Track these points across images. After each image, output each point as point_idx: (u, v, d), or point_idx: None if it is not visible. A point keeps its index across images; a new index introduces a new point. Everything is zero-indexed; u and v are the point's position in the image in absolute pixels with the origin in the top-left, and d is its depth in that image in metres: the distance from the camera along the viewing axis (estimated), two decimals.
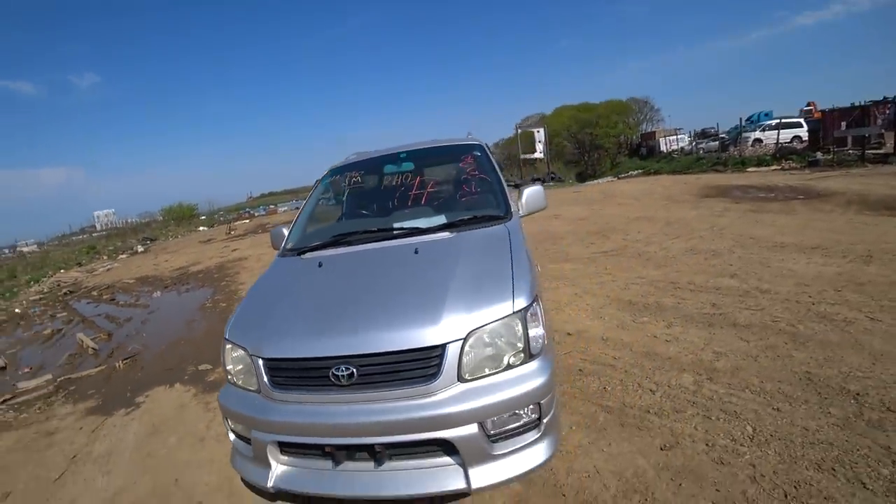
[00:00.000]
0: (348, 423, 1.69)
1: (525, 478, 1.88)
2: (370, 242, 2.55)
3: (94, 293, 9.63)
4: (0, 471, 2.97)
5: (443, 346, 1.68)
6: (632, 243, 6.61)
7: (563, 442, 2.29)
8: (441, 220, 2.58)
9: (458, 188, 2.91)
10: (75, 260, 17.39)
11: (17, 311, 8.95)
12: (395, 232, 2.59)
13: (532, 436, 1.74)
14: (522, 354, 1.76)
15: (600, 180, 21.81)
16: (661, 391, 2.66)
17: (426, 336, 1.69)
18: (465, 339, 1.70)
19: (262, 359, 1.88)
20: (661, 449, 2.15)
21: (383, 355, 1.71)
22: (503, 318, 1.75)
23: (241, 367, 2.00)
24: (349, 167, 3.44)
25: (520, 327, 1.76)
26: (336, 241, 2.67)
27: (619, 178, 20.71)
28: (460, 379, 1.69)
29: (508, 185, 2.87)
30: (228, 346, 2.05)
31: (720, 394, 2.55)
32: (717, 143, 22.41)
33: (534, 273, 2.04)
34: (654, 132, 29.19)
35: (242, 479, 2.34)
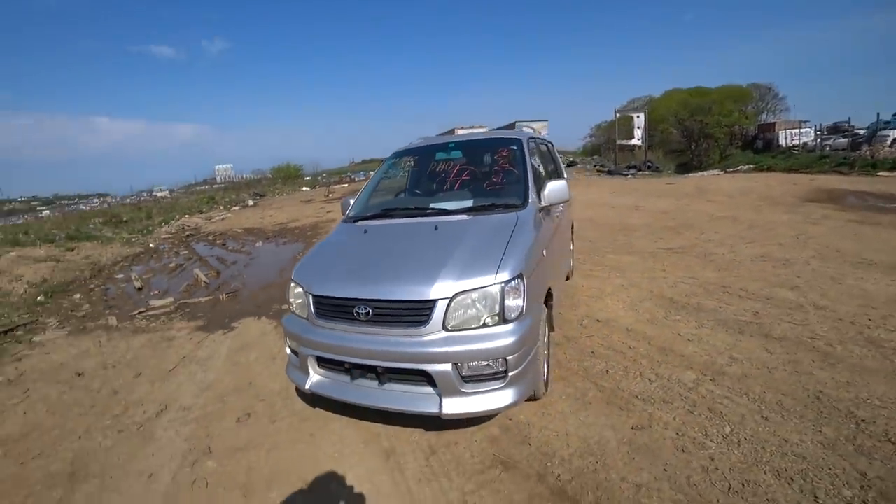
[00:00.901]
0: (361, 348, 2.27)
1: (488, 415, 2.31)
2: (408, 217, 3.05)
3: (210, 238, 11.40)
4: (135, 358, 4.03)
5: (433, 302, 2.15)
6: (702, 243, 6.37)
7: (548, 406, 2.63)
8: (466, 204, 2.98)
9: (488, 177, 3.25)
10: (197, 208, 20.26)
11: (151, 246, 10.96)
12: (428, 210, 3.06)
13: (497, 384, 2.16)
14: (497, 318, 2.17)
15: (704, 173, 20.12)
16: (659, 383, 2.83)
17: (422, 292, 2.18)
18: (452, 299, 2.15)
19: (311, 295, 2.52)
20: (632, 428, 2.39)
21: (390, 302, 2.24)
22: (485, 287, 2.17)
23: (300, 301, 2.66)
24: (408, 152, 3.94)
25: (498, 296, 2.16)
26: (383, 214, 3.22)
27: (725, 172, 18.97)
28: (444, 328, 2.16)
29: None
30: (292, 284, 2.73)
31: (715, 395, 2.66)
32: (846, 139, 19.34)
33: (529, 256, 2.40)
34: (774, 124, 25.75)
35: (296, 390, 3.03)
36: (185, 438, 2.73)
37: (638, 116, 20.55)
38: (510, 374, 2.14)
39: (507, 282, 2.18)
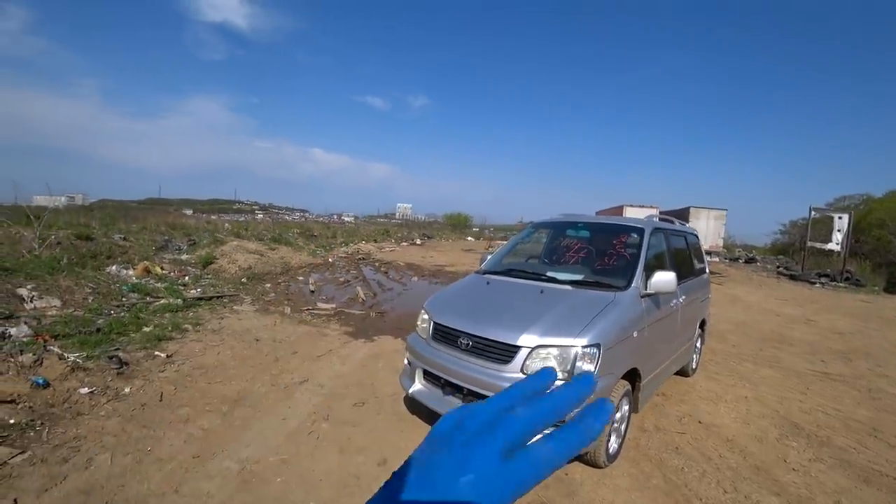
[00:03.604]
0: (457, 370, 2.89)
1: None
2: (525, 279, 3.62)
3: (376, 264, 13.39)
4: (296, 340, 5.33)
5: (518, 347, 2.69)
6: (873, 376, 5.42)
7: (607, 477, 2.85)
8: (576, 277, 3.46)
9: (601, 258, 3.63)
10: (373, 237, 23.58)
11: (329, 260, 13.38)
12: (543, 277, 3.59)
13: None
14: (567, 375, 2.57)
15: None
16: (733, 496, 2.76)
17: (511, 338, 2.73)
18: (533, 349, 2.66)
19: (433, 322, 3.24)
20: None
21: (486, 340, 2.83)
22: (562, 346, 2.63)
23: (424, 325, 3.39)
24: (545, 224, 4.55)
25: (572, 357, 2.59)
26: (506, 272, 3.84)
27: None
28: (521, 371, 2.66)
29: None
30: (423, 311, 3.48)
31: None
32: None
33: (613, 332, 2.76)
34: None
35: (403, 399, 3.75)
36: (313, 404, 3.70)
37: (840, 217, 17.40)
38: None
39: (584, 347, 2.60)
